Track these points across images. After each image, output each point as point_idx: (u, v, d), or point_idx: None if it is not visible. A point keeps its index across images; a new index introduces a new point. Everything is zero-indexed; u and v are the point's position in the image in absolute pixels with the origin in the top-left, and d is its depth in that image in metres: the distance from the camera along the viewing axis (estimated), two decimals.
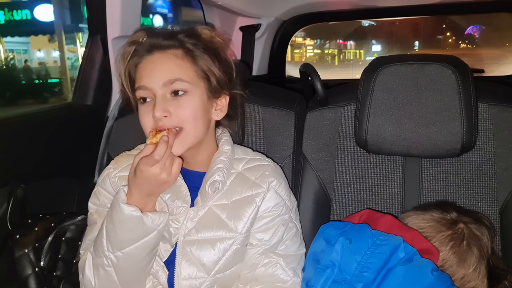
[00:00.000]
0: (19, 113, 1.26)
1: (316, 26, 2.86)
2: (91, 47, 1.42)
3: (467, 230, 0.98)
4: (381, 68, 1.14)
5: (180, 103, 0.91)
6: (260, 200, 0.99)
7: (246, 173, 1.02)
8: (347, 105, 1.24)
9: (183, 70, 0.92)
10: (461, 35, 14.17)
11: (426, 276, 0.88)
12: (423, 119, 1.11)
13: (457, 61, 1.13)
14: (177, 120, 0.91)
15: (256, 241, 1.00)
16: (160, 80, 0.90)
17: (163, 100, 0.90)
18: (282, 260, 1.00)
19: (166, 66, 0.92)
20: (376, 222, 1.01)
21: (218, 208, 0.98)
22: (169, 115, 0.90)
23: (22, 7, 11.82)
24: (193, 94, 0.93)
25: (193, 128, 0.93)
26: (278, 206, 1.01)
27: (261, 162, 1.05)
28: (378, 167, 1.22)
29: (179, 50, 0.93)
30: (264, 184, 1.00)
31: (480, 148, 1.15)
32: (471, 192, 1.16)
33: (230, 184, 1.00)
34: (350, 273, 0.92)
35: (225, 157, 1.00)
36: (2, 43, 13.04)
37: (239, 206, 0.99)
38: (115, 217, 0.87)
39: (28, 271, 1.05)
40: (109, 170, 1.03)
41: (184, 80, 0.91)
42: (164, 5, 12.43)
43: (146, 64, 0.93)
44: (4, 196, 1.09)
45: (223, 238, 0.97)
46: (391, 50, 15.76)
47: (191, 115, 0.92)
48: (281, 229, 1.01)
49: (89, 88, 1.42)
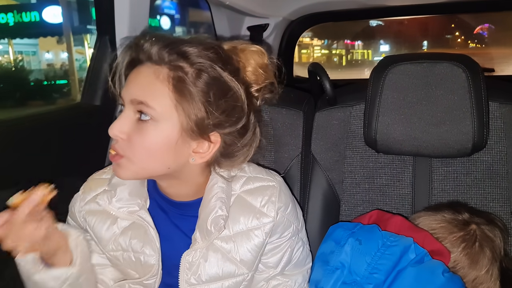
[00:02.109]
0: (28, 114, 1.26)
1: (323, 26, 2.85)
2: (100, 48, 1.43)
3: (479, 232, 0.97)
4: (391, 67, 1.13)
5: (140, 129, 0.76)
6: (269, 231, 0.88)
7: (247, 197, 0.89)
8: (356, 104, 1.23)
9: (156, 94, 0.75)
10: (470, 34, 14.05)
11: (437, 278, 0.87)
12: (433, 118, 1.10)
13: (468, 59, 1.12)
14: (126, 148, 0.77)
15: (263, 267, 0.95)
16: (129, 95, 0.77)
17: (126, 118, 0.77)
18: (291, 281, 0.97)
19: (140, 83, 0.76)
20: (386, 222, 1.00)
21: (222, 243, 0.87)
22: (126, 138, 0.77)
23: (31, 9, 11.93)
24: (159, 125, 0.76)
25: (142, 161, 0.78)
26: (286, 232, 0.93)
27: (263, 183, 0.91)
28: (388, 167, 1.21)
29: (164, 69, 0.75)
30: (272, 212, 0.88)
31: (491, 147, 1.14)
32: (483, 192, 1.15)
33: (230, 211, 0.87)
34: (360, 275, 0.92)
35: (223, 183, 0.87)
36: (11, 45, 13.16)
37: (245, 239, 0.87)
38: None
39: None
40: (76, 199, 0.93)
41: (149, 106, 0.75)
42: (171, 6, 12.48)
43: (133, 72, 0.80)
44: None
45: (231, 277, 0.88)
46: (399, 50, 15.67)
47: (143, 149, 0.76)
48: (289, 252, 0.95)
49: (98, 88, 1.42)
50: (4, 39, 12.71)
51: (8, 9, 11.84)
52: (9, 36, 12.62)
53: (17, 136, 1.14)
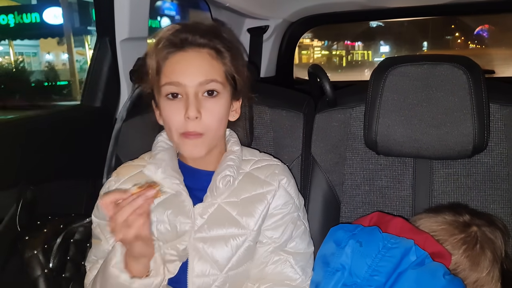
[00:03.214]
0: (28, 115, 1.27)
1: (324, 27, 2.85)
2: (100, 49, 1.43)
3: (480, 233, 0.97)
4: (391, 69, 1.13)
5: (211, 104, 0.91)
6: (271, 198, 0.99)
7: (255, 172, 1.02)
8: (356, 106, 1.23)
9: (217, 71, 0.92)
10: (470, 35, 14.06)
11: (438, 280, 0.87)
12: (434, 120, 1.10)
13: (468, 61, 1.12)
14: (203, 125, 0.90)
15: (266, 239, 1.00)
16: (196, 79, 0.89)
17: (196, 99, 0.89)
18: (292, 258, 1.00)
19: (203, 66, 0.91)
20: (387, 224, 1.00)
21: (228, 206, 0.98)
22: (199, 117, 0.89)
23: (31, 10, 11.94)
24: (223, 96, 0.93)
25: (215, 132, 0.94)
26: (287, 204, 1.01)
27: (270, 162, 1.05)
28: (388, 169, 1.21)
29: (212, 51, 0.92)
30: (275, 182, 1.00)
31: (492, 149, 1.14)
32: (483, 194, 1.15)
33: (239, 183, 1.00)
34: (360, 277, 0.91)
35: (235, 156, 1.00)
36: (12, 46, 13.17)
37: (250, 203, 0.98)
38: (105, 276, 0.88)
39: (37, 272, 1.05)
40: (111, 183, 1.01)
41: (218, 82, 0.91)
42: (171, 7, 12.49)
43: (179, 60, 0.91)
44: (14, 197, 1.09)
45: (235, 235, 0.96)
46: (400, 51, 15.68)
47: (217, 120, 0.93)
48: (290, 227, 1.01)
49: (98, 90, 1.42)
50: (5, 40, 12.77)
51: (9, 10, 11.89)
52: (10, 37, 12.66)
53: (17, 138, 1.14)
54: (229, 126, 1.05)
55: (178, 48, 0.91)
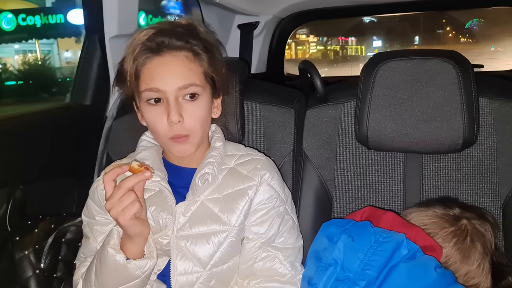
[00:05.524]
0: (17, 114, 1.25)
1: (318, 23, 2.86)
2: (89, 47, 1.41)
3: (470, 226, 0.98)
4: (381, 64, 1.13)
5: (192, 107, 0.92)
6: (252, 193, 0.99)
7: (238, 168, 1.02)
8: (347, 101, 1.23)
9: (196, 73, 0.92)
10: (461, 29, 14.15)
11: (430, 273, 0.88)
12: (424, 114, 1.10)
13: (458, 56, 1.12)
14: (186, 128, 0.92)
15: (252, 235, 0.99)
16: (175, 84, 0.89)
17: (177, 103, 0.90)
18: (280, 253, 1.00)
19: (181, 70, 0.91)
20: (379, 219, 1.01)
21: (210, 202, 0.98)
22: (182, 120, 0.90)
23: (56, 12, 12.59)
24: (203, 97, 0.94)
25: (201, 132, 0.96)
26: (272, 199, 1.01)
27: (253, 157, 1.05)
28: (379, 163, 1.21)
29: (190, 53, 0.92)
30: (256, 177, 1.00)
31: (481, 143, 1.14)
32: (473, 187, 1.15)
33: (222, 179, 1.00)
34: (352, 271, 0.92)
35: (216, 153, 1.00)
36: (38, 45, 13.95)
37: (232, 200, 0.98)
38: (102, 258, 0.88)
39: (28, 273, 1.05)
40: (98, 182, 1.01)
41: (198, 85, 0.92)
42: (176, 6, 12.45)
43: (157, 65, 0.90)
44: (3, 197, 1.08)
45: (217, 232, 0.96)
46: (392, 46, 15.77)
47: (200, 122, 0.94)
48: (277, 222, 1.00)
49: (87, 88, 1.41)
50: (32, 39, 13.50)
51: (36, 12, 12.60)
52: (37, 37, 13.42)
53: (6, 136, 1.12)
54: (218, 122, 1.06)
55: (155, 53, 0.90)
